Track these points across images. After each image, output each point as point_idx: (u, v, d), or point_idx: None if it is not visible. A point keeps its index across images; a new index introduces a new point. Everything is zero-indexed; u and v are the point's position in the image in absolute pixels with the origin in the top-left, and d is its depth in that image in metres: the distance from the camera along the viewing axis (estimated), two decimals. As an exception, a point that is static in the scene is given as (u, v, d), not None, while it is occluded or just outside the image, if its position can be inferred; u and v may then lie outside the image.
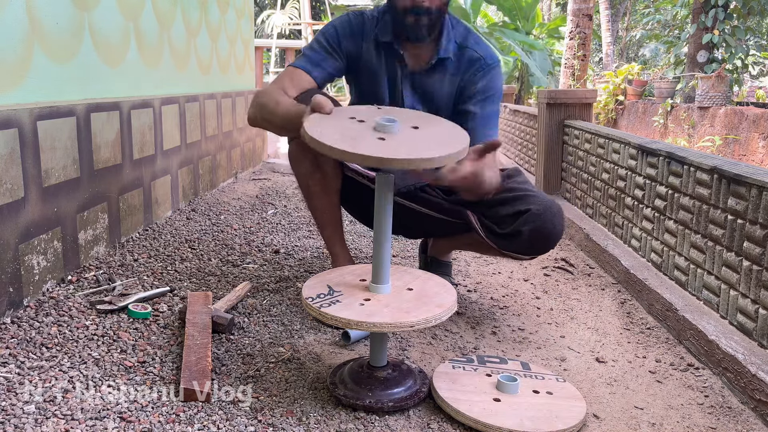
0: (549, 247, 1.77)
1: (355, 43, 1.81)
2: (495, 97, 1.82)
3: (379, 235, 1.37)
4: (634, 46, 19.98)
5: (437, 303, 1.35)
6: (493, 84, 1.82)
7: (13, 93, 1.80)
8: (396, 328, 1.26)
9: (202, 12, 3.48)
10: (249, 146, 4.43)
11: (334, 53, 1.80)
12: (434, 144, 1.33)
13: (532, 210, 1.70)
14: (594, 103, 3.51)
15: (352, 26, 1.82)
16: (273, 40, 10.11)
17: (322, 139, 1.26)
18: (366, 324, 1.26)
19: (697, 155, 1.97)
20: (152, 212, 2.70)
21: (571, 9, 7.96)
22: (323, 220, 1.92)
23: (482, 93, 1.80)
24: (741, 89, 7.28)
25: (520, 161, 4.59)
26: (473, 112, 1.78)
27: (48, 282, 1.87)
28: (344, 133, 1.31)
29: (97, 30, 2.26)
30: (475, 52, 1.81)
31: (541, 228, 1.70)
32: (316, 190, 1.86)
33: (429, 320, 1.29)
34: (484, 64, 1.81)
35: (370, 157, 1.23)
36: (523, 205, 1.72)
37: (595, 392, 1.50)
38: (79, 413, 1.26)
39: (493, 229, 1.77)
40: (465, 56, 1.81)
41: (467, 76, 1.81)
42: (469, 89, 1.80)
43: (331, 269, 1.61)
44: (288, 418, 1.30)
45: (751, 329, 1.60)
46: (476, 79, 1.80)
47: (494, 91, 1.82)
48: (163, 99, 2.82)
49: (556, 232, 1.74)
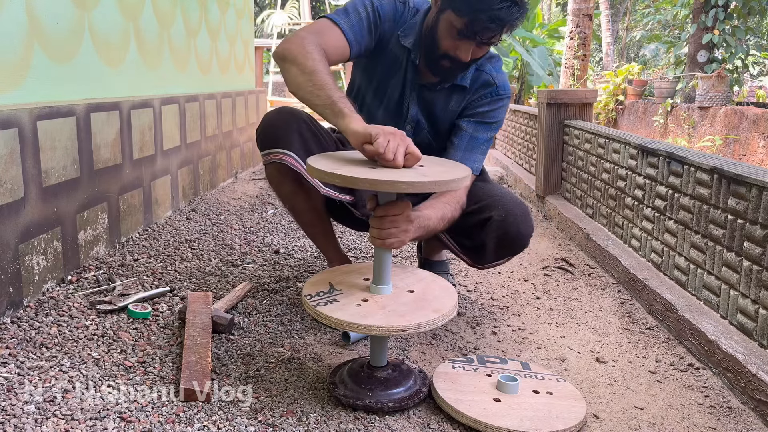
0: (519, 249, 1.76)
1: (392, 29, 1.71)
2: (492, 126, 1.77)
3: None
4: (634, 46, 19.98)
5: (435, 307, 1.33)
6: (497, 114, 1.77)
7: (13, 93, 1.80)
8: (388, 331, 1.25)
9: (202, 12, 3.48)
10: (249, 146, 4.43)
11: (373, 31, 1.67)
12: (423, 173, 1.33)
13: (494, 216, 1.68)
14: (594, 103, 3.51)
15: (396, 11, 1.71)
16: (273, 40, 10.11)
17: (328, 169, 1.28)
18: (358, 326, 1.26)
19: (697, 155, 1.97)
20: (152, 212, 2.70)
21: (571, 9, 7.96)
22: (314, 232, 1.91)
23: (482, 116, 1.76)
24: (741, 89, 7.27)
25: (520, 161, 4.59)
26: (464, 130, 1.74)
27: (48, 282, 1.87)
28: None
29: (97, 30, 2.26)
30: (491, 77, 1.76)
31: (505, 234, 1.69)
32: (302, 208, 1.82)
33: (423, 325, 1.27)
34: (496, 92, 1.76)
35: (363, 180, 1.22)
36: (485, 213, 1.70)
37: (595, 392, 1.50)
38: (79, 413, 1.25)
39: (463, 242, 1.76)
40: (480, 79, 1.76)
41: (476, 97, 1.77)
42: (472, 109, 1.77)
43: (337, 267, 1.61)
44: (288, 418, 1.30)
45: (751, 329, 1.60)
46: (482, 103, 1.76)
47: (494, 120, 1.77)
48: (163, 99, 2.82)
49: (521, 235, 1.71)
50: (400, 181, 1.22)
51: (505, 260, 1.82)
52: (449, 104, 1.78)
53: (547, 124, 3.39)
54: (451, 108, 1.78)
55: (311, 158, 1.39)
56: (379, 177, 1.22)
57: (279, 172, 1.70)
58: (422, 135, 1.82)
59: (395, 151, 1.28)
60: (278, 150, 1.64)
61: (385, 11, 1.69)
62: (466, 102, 1.78)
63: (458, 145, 1.74)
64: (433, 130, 1.82)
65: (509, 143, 5.11)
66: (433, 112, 1.79)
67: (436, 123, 1.81)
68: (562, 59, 8.68)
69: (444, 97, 1.77)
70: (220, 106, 3.72)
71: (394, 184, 1.22)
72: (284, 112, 1.70)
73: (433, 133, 1.82)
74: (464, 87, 1.76)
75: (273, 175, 1.73)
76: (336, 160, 1.38)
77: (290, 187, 1.74)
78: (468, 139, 1.75)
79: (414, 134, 1.81)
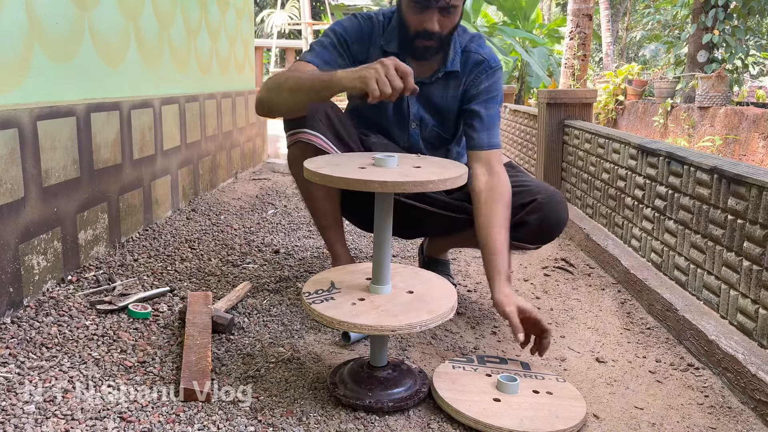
0: (554, 235, 1.80)
1: (363, 48, 1.78)
2: (497, 99, 1.82)
3: (379, 235, 1.37)
4: (634, 46, 19.98)
5: (429, 309, 1.33)
6: (496, 86, 1.82)
7: (13, 93, 1.80)
8: (377, 331, 1.25)
9: (202, 12, 3.48)
10: (249, 146, 4.43)
11: (344, 54, 1.76)
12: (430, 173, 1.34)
13: (538, 199, 1.73)
14: (594, 103, 3.51)
15: (362, 30, 1.78)
16: (273, 40, 10.12)
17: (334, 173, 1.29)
18: (348, 324, 1.26)
19: (697, 155, 1.97)
20: (152, 212, 2.70)
21: (571, 9, 7.96)
22: (325, 222, 1.91)
23: (486, 93, 1.80)
24: (741, 89, 7.28)
25: (520, 161, 4.59)
26: (478, 112, 1.78)
27: (48, 282, 1.87)
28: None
29: (97, 30, 2.26)
30: (479, 54, 1.81)
31: (547, 217, 1.73)
32: (319, 194, 1.83)
33: (413, 326, 1.26)
34: (488, 66, 1.81)
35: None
36: (527, 196, 1.74)
37: (595, 392, 1.50)
38: (79, 413, 1.25)
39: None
40: (470, 60, 1.81)
41: (471, 77, 1.81)
42: (473, 90, 1.80)
43: (342, 266, 1.62)
44: (288, 418, 1.30)
45: (751, 329, 1.60)
46: (480, 81, 1.80)
47: (497, 93, 1.82)
48: (163, 99, 2.82)
49: (562, 220, 1.76)
50: (406, 182, 1.23)
51: (532, 246, 1.82)
52: (448, 92, 1.82)
53: (547, 124, 3.39)
54: (450, 95, 1.82)
55: (306, 161, 1.40)
56: (386, 178, 1.23)
57: (303, 153, 1.69)
58: (429, 130, 1.86)
59: (387, 83, 1.33)
60: (305, 130, 1.66)
61: (350, 33, 1.77)
62: (464, 86, 1.81)
63: (479, 128, 1.77)
64: (439, 122, 1.85)
65: (509, 143, 5.11)
66: (435, 104, 1.82)
67: (440, 113, 1.84)
68: (562, 59, 8.69)
69: (441, 87, 1.81)
70: (220, 106, 3.72)
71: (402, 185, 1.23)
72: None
73: (440, 124, 1.85)
74: (456, 72, 1.79)
75: (296, 156, 1.74)
76: (331, 162, 1.39)
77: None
78: (485, 119, 1.78)
79: (420, 131, 1.85)
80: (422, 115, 1.83)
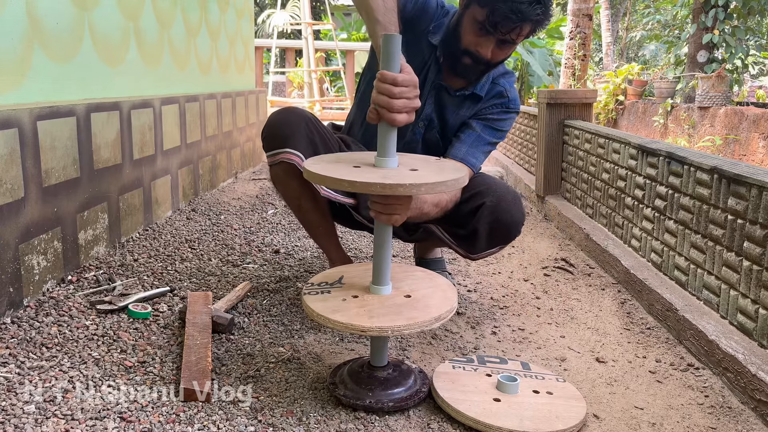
0: (512, 236, 1.79)
1: (423, 26, 1.75)
2: (498, 134, 1.83)
3: (379, 236, 1.37)
4: (634, 46, 19.98)
5: (411, 316, 1.29)
6: (504, 124, 1.84)
7: (13, 93, 1.80)
8: (346, 329, 1.25)
9: (202, 12, 3.48)
10: (249, 146, 4.43)
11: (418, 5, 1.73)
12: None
13: (486, 203, 1.72)
14: (594, 103, 3.51)
15: (432, 8, 1.76)
16: (273, 40, 10.11)
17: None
18: (323, 318, 1.27)
19: (697, 155, 1.97)
20: (152, 212, 2.70)
21: (571, 9, 7.96)
22: (318, 232, 1.91)
23: (491, 121, 1.82)
24: (741, 89, 7.28)
25: (520, 161, 4.59)
26: (474, 127, 1.80)
27: (48, 282, 1.87)
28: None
29: (97, 30, 2.26)
30: (505, 90, 1.83)
31: (497, 219, 1.72)
32: (308, 207, 1.82)
33: (383, 330, 1.24)
34: (507, 104, 1.83)
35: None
36: (477, 200, 1.73)
37: (595, 392, 1.50)
38: (79, 413, 1.26)
39: (457, 232, 1.77)
40: (494, 90, 1.82)
41: (487, 105, 1.82)
42: (482, 113, 1.82)
43: (360, 263, 1.64)
44: (288, 418, 1.30)
45: (751, 329, 1.60)
46: (493, 111, 1.82)
47: (501, 129, 1.83)
48: (163, 99, 2.82)
49: (515, 220, 1.74)
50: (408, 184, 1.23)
51: (498, 249, 1.83)
52: (461, 110, 1.83)
53: (547, 124, 3.39)
54: (461, 113, 1.83)
55: (305, 162, 1.40)
56: (385, 181, 1.23)
57: (286, 172, 1.71)
58: (432, 133, 1.87)
59: (399, 109, 1.27)
60: (286, 150, 1.66)
61: (428, 3, 1.75)
62: (477, 109, 1.83)
63: (465, 139, 1.79)
64: (442, 131, 1.87)
65: (509, 143, 5.11)
66: (445, 115, 1.84)
67: (446, 125, 1.85)
68: (562, 59, 8.68)
69: (458, 103, 1.82)
70: (220, 106, 3.72)
71: (395, 187, 1.23)
72: (289, 113, 1.71)
73: (442, 133, 1.87)
74: (479, 97, 1.81)
75: (279, 175, 1.75)
76: (327, 163, 1.39)
77: (297, 187, 1.76)
78: (475, 137, 1.80)
79: (425, 131, 1.86)
80: (432, 117, 1.84)
